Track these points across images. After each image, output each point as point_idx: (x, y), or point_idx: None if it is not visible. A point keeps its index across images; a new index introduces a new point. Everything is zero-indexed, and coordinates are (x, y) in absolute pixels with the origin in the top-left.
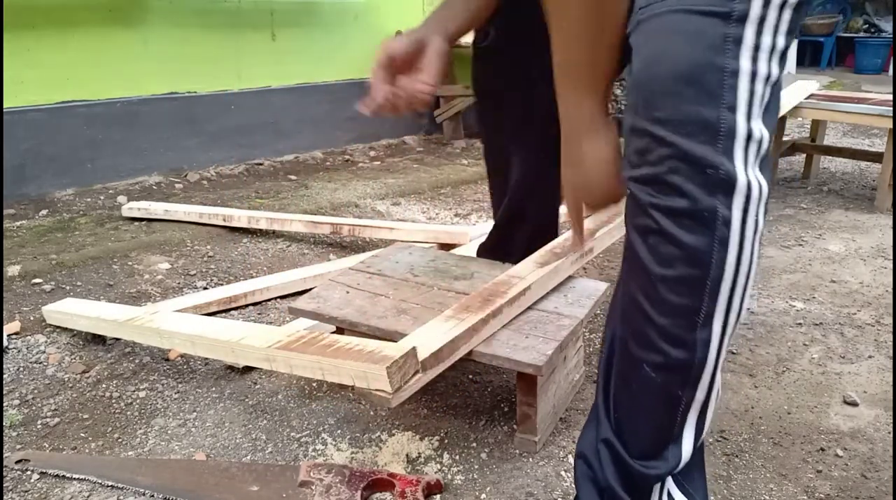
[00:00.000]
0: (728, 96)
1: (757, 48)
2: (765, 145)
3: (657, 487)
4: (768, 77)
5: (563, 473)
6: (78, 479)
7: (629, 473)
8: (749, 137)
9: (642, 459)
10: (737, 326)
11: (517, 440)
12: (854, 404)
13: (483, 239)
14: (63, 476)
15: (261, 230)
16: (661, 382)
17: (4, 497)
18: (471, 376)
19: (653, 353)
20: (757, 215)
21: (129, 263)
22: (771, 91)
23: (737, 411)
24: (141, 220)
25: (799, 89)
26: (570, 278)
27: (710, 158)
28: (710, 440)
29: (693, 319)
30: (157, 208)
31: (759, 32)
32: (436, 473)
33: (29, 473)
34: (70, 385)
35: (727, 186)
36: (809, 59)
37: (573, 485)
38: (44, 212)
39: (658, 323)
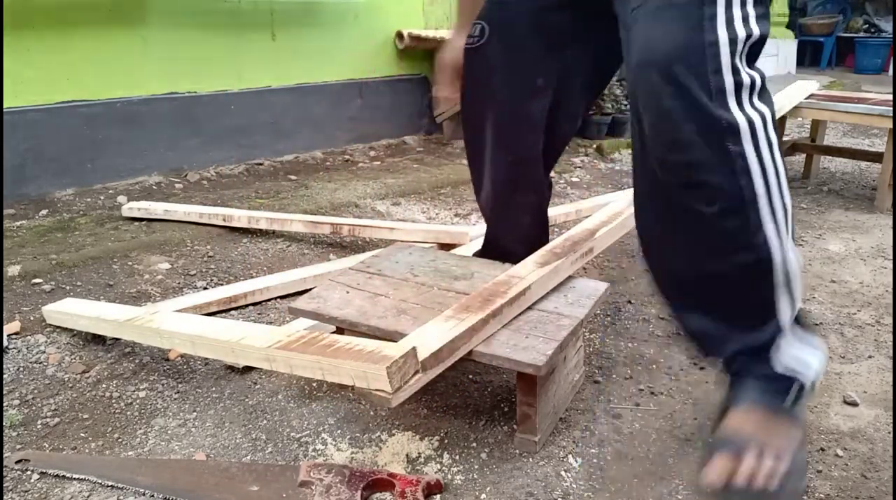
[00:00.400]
0: (713, 63)
1: (730, 20)
2: (757, 84)
3: (775, 349)
4: (748, 37)
5: (563, 473)
6: (78, 479)
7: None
8: (738, 85)
9: (748, 332)
10: (789, 219)
11: (517, 440)
12: (854, 404)
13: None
14: (63, 476)
15: (261, 230)
16: (745, 279)
17: (4, 497)
18: (471, 376)
19: (729, 262)
20: (767, 137)
21: (129, 263)
22: (751, 46)
23: None
24: (141, 220)
25: (799, 89)
26: (570, 278)
27: (711, 112)
28: (711, 440)
29: (747, 231)
30: (157, 208)
31: (728, 7)
32: (436, 473)
33: (29, 473)
34: (70, 385)
35: (732, 130)
36: (809, 59)
37: (573, 484)
38: (44, 212)
39: (724, 242)
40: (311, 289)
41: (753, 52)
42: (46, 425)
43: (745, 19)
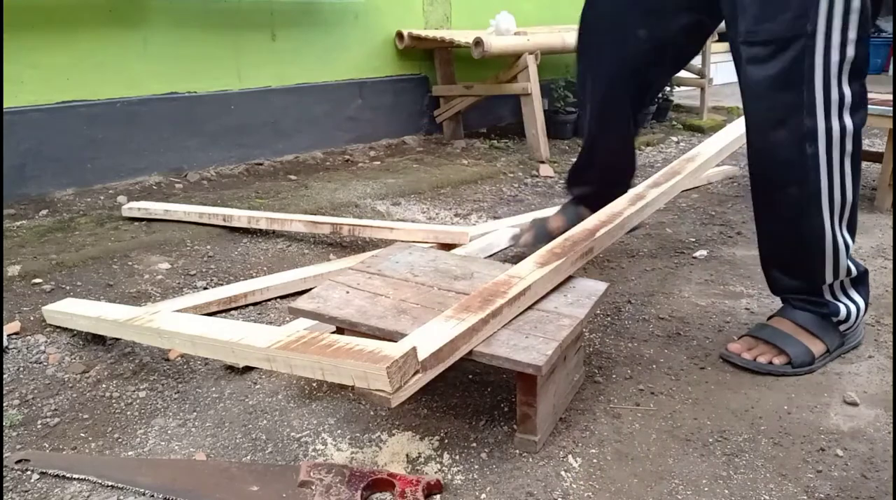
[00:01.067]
0: (808, 81)
1: (828, 48)
2: (847, 100)
3: (829, 290)
4: (843, 60)
5: (563, 473)
6: (78, 479)
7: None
8: (827, 100)
9: (800, 280)
10: (847, 211)
11: (517, 440)
12: (854, 404)
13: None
14: (63, 476)
15: (261, 230)
16: (803, 245)
17: (4, 497)
18: (471, 376)
19: (795, 229)
20: (842, 145)
21: (129, 263)
22: (852, 64)
23: (737, 411)
24: (141, 220)
25: None
26: (570, 278)
27: (798, 119)
28: (710, 440)
29: (810, 211)
30: (157, 208)
31: (827, 35)
32: (436, 473)
33: (29, 473)
34: (70, 385)
35: (811, 135)
36: None
37: (573, 485)
38: (44, 212)
39: (793, 214)
40: (311, 289)
41: (857, 67)
42: (46, 425)
43: (843, 45)
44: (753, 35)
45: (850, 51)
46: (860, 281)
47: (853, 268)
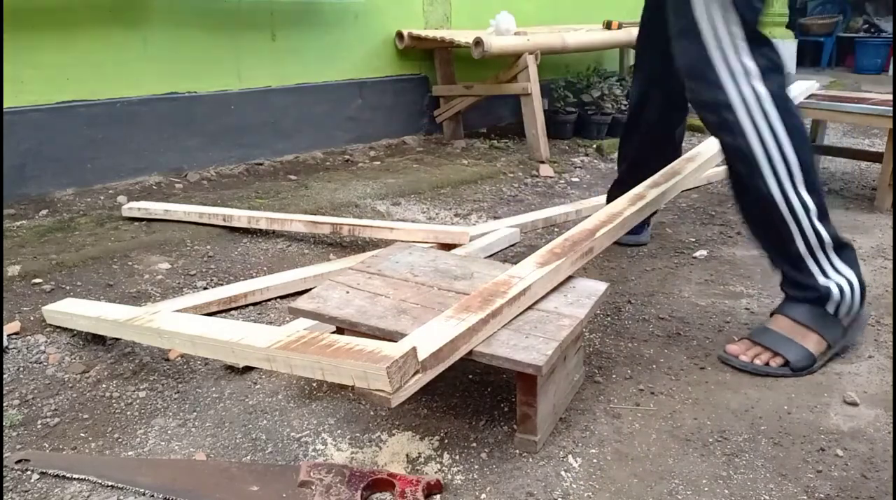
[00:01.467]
0: (708, 63)
1: (715, 27)
2: (752, 70)
3: (813, 261)
4: (732, 35)
5: (563, 473)
6: (78, 479)
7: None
8: (732, 73)
9: (781, 256)
10: (795, 173)
11: (517, 440)
12: (854, 404)
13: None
14: (63, 476)
15: (261, 230)
16: (761, 214)
17: (4, 497)
18: (471, 376)
19: (746, 196)
20: (763, 110)
21: (129, 263)
22: (746, 37)
23: (737, 411)
24: (141, 220)
25: (799, 89)
26: (570, 278)
27: (712, 97)
28: (710, 440)
29: (751, 176)
30: (157, 208)
31: (710, 19)
32: (436, 473)
33: (29, 473)
34: (70, 385)
35: (726, 106)
36: (809, 59)
37: (573, 485)
38: (44, 212)
39: (737, 182)
40: (311, 289)
41: (751, 41)
42: (46, 425)
43: (727, 24)
44: (671, 34)
45: (735, 28)
46: (842, 250)
47: (825, 234)
